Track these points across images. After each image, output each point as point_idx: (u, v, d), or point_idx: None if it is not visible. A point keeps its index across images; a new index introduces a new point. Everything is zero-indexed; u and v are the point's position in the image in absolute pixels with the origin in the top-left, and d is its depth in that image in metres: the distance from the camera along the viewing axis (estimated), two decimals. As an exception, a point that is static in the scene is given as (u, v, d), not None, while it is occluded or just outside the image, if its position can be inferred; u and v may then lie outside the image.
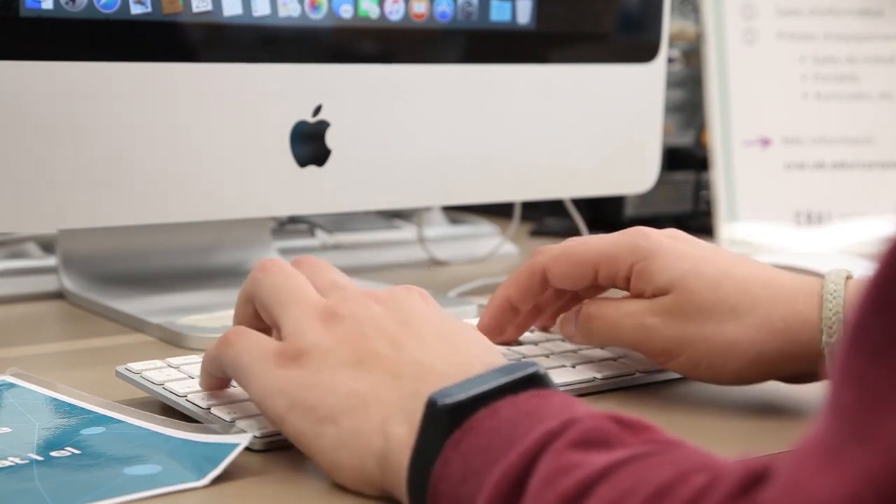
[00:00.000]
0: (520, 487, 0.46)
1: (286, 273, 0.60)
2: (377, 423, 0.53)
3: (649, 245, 0.68)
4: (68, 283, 0.91)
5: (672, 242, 0.69)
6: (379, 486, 0.53)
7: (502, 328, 0.75)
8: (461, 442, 0.49)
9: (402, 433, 0.52)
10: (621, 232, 0.70)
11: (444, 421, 0.50)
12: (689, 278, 0.67)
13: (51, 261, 0.94)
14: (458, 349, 0.56)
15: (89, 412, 0.63)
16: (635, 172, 1.06)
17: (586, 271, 0.70)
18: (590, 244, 0.71)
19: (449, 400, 0.50)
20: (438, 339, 0.56)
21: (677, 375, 0.72)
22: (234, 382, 0.63)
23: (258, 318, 0.62)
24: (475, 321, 0.78)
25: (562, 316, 0.74)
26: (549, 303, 0.75)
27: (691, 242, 0.69)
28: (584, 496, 0.44)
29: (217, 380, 0.62)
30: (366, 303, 0.58)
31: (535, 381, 0.51)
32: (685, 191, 1.26)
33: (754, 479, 0.40)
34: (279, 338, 0.58)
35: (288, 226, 1.10)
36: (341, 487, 0.55)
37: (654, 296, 0.68)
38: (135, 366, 0.67)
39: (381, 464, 0.53)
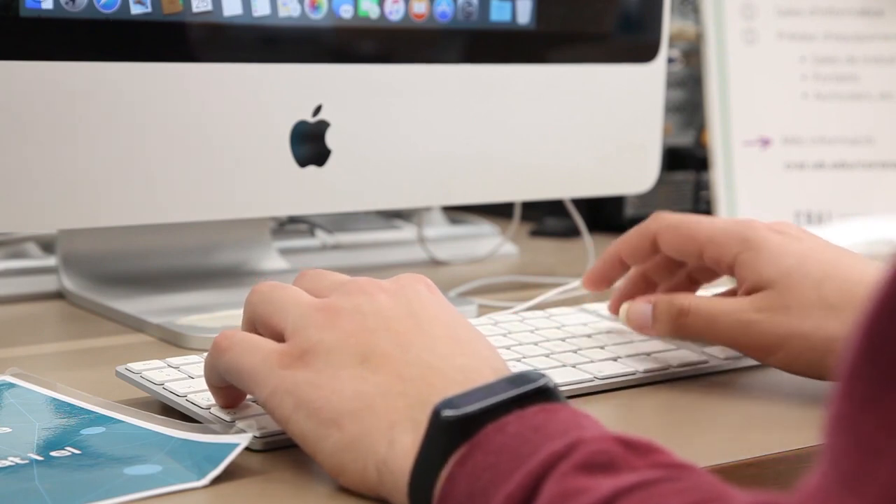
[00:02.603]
0: None
1: (279, 286, 0.60)
2: (383, 429, 0.53)
3: (756, 237, 0.70)
4: (68, 283, 0.91)
5: (779, 238, 0.70)
6: (376, 490, 0.53)
7: (608, 278, 0.78)
8: (467, 458, 0.49)
9: (407, 442, 0.52)
10: (733, 220, 0.73)
11: (449, 434, 0.50)
12: (793, 274, 0.68)
13: (51, 261, 0.94)
14: (465, 349, 0.56)
15: (89, 412, 0.63)
16: (635, 172, 1.05)
17: (692, 248, 0.73)
18: (702, 224, 0.73)
19: (454, 412, 0.50)
20: (446, 337, 0.56)
21: (677, 376, 0.73)
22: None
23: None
24: (475, 321, 0.78)
25: (627, 304, 0.75)
26: (654, 272, 0.78)
27: (798, 238, 0.71)
28: None
29: (228, 392, 0.61)
30: (370, 293, 0.57)
31: (544, 393, 0.51)
32: (685, 191, 1.26)
33: None
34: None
35: (288, 226, 1.10)
36: (342, 488, 0.55)
37: (753, 288, 0.69)
38: (135, 366, 0.67)
39: (381, 469, 0.52)
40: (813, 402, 0.68)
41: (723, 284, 0.79)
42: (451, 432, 0.50)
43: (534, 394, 0.51)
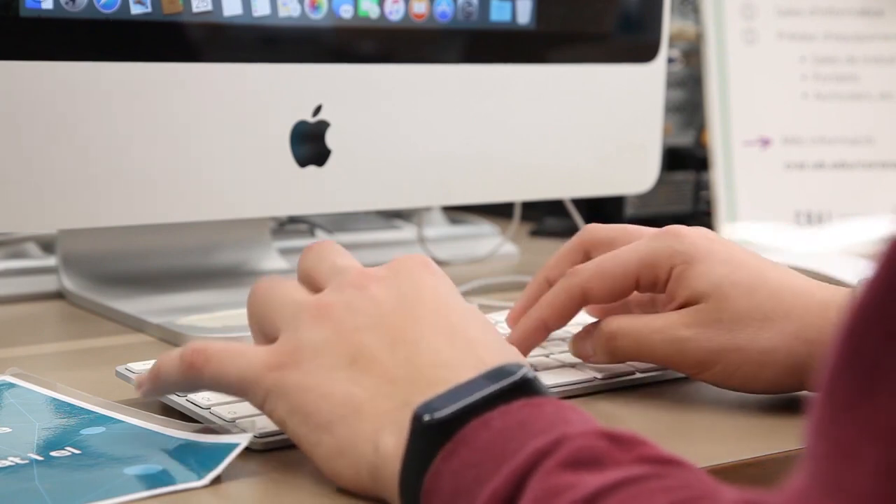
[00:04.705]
0: None
1: (274, 285, 0.59)
2: (368, 433, 0.53)
3: (686, 248, 0.68)
4: (68, 283, 0.91)
5: (708, 245, 0.68)
6: (373, 493, 0.53)
7: (532, 347, 0.73)
8: (452, 456, 0.49)
9: (391, 444, 0.52)
10: (652, 235, 0.69)
11: (428, 437, 0.50)
12: (726, 285, 0.66)
13: (51, 261, 0.94)
14: (455, 340, 0.55)
15: (89, 412, 0.63)
16: (635, 172, 1.05)
17: (628, 283, 0.69)
18: (625, 256, 0.69)
19: (432, 416, 0.50)
20: (436, 326, 0.56)
21: (678, 375, 0.72)
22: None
23: (270, 340, 0.60)
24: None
25: (574, 335, 0.72)
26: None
27: (724, 244, 0.69)
28: None
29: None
30: (362, 287, 0.57)
31: (526, 386, 0.51)
32: (685, 191, 1.26)
33: None
34: None
35: (288, 226, 1.10)
36: (341, 489, 0.55)
37: (686, 303, 0.67)
38: (135, 366, 0.67)
39: (372, 474, 0.53)
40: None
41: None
42: (430, 436, 0.50)
43: (516, 387, 0.51)
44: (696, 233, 0.69)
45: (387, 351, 0.55)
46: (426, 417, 0.50)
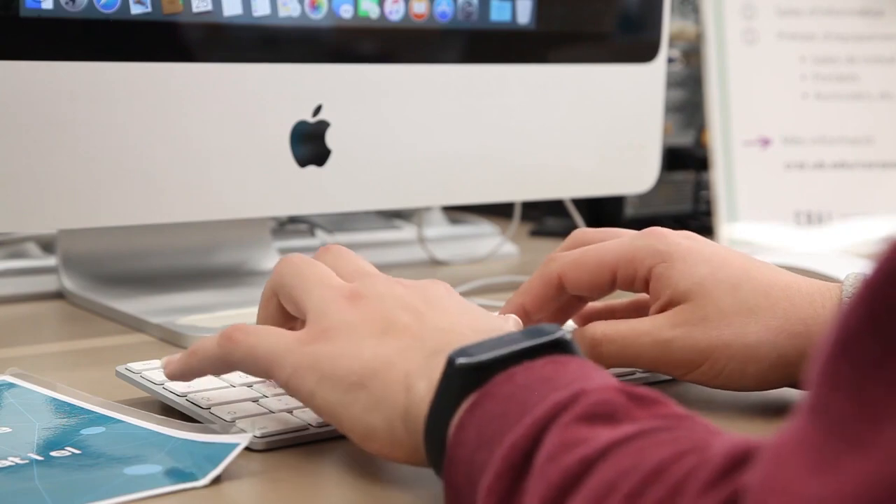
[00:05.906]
0: (527, 461, 0.46)
1: (309, 262, 0.60)
2: (401, 378, 0.53)
3: (668, 248, 0.68)
4: (68, 283, 0.91)
5: (690, 244, 0.68)
6: (410, 449, 0.53)
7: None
8: (476, 407, 0.49)
9: (423, 388, 0.52)
10: (636, 234, 0.70)
11: (461, 380, 0.50)
12: (709, 283, 0.66)
13: (51, 261, 0.94)
14: (479, 319, 0.57)
15: (89, 412, 0.63)
16: (635, 172, 1.05)
17: (604, 276, 0.69)
18: (605, 249, 0.69)
19: (467, 360, 0.50)
20: (461, 313, 0.57)
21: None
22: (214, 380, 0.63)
23: (283, 314, 0.61)
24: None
25: None
26: (565, 310, 0.74)
27: (707, 244, 0.69)
28: (585, 474, 0.43)
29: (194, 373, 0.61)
30: (390, 285, 0.58)
31: (557, 346, 0.51)
32: (685, 191, 1.26)
33: (736, 461, 0.40)
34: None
35: (288, 226, 1.10)
36: (341, 487, 0.55)
37: (669, 303, 0.67)
38: (135, 366, 0.67)
39: (405, 421, 0.52)
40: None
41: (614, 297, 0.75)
42: (463, 379, 0.50)
43: (548, 346, 0.51)
44: (678, 234, 0.69)
45: (417, 323, 0.56)
46: (461, 360, 0.50)
